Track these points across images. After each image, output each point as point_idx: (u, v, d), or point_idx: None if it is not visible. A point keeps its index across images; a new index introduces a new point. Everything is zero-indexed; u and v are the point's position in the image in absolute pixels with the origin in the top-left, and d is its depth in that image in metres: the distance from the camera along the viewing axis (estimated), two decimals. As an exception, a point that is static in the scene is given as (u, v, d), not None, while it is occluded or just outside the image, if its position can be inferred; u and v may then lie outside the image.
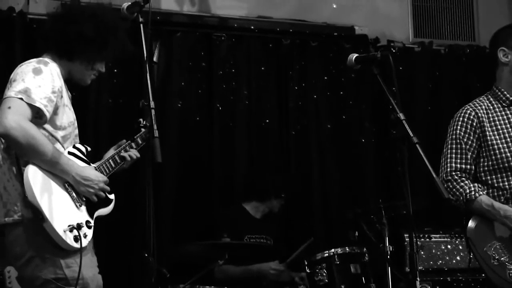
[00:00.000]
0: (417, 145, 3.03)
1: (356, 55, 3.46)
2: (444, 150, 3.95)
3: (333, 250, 4.88)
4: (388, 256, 4.83)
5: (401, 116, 3.12)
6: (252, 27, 6.33)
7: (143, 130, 3.53)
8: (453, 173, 3.84)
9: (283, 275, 5.34)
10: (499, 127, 3.85)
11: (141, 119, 3.31)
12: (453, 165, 3.86)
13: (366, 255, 4.92)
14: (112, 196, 3.60)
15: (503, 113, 3.89)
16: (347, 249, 4.92)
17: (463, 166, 3.85)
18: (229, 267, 5.23)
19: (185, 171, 5.97)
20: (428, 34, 6.90)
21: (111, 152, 3.77)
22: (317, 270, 4.83)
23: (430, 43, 6.80)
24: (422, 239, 5.57)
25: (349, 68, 3.52)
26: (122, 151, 3.74)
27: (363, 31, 6.60)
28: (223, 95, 6.19)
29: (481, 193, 3.75)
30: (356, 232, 5.20)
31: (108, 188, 3.52)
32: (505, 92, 3.92)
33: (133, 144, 3.78)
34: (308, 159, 6.33)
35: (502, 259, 3.62)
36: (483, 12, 7.02)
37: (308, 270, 4.88)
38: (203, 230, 5.64)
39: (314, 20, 6.55)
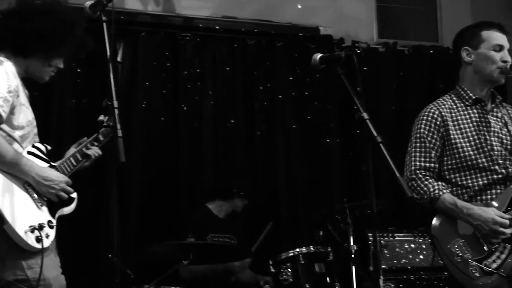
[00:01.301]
0: (380, 144, 3.04)
1: (321, 55, 3.45)
2: (409, 149, 3.97)
3: (297, 249, 4.88)
4: (353, 255, 4.84)
5: (365, 115, 3.12)
6: (217, 27, 6.33)
7: (104, 126, 3.49)
8: (418, 172, 3.86)
9: (248, 275, 5.34)
10: (462, 126, 3.88)
11: (102, 116, 3.27)
12: (418, 163, 3.88)
13: (331, 254, 4.93)
14: (74, 195, 3.56)
15: (465, 112, 3.92)
16: (312, 249, 4.93)
17: (428, 164, 3.87)
18: (195, 267, 5.21)
19: (150, 172, 5.94)
20: (393, 35, 6.97)
21: (72, 150, 3.72)
22: (281, 270, 4.83)
23: (394, 44, 6.86)
24: (386, 238, 5.60)
25: (313, 68, 3.51)
26: (84, 148, 3.69)
27: (328, 32, 6.64)
28: (189, 96, 6.18)
29: (444, 191, 3.78)
30: (321, 232, 5.22)
31: (70, 188, 3.48)
32: (468, 92, 3.95)
33: (94, 142, 3.72)
34: (274, 159, 6.34)
35: (465, 256, 3.65)
36: (446, 13, 7.10)
37: (273, 270, 4.88)
38: (168, 231, 5.62)
39: (279, 20, 6.57)
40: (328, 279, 4.88)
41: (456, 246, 3.68)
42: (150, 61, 6.09)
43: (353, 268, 4.82)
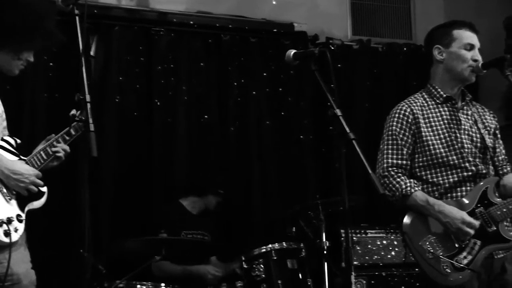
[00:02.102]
0: (353, 141, 3.05)
1: (294, 51, 3.45)
2: (381, 146, 3.99)
3: (270, 245, 4.88)
4: (325, 252, 4.86)
5: (338, 112, 3.14)
6: (192, 22, 6.30)
7: (77, 121, 3.46)
8: (390, 169, 3.88)
9: (222, 269, 5.35)
10: (433, 123, 3.91)
11: (74, 110, 3.25)
12: (390, 161, 3.90)
13: (303, 250, 4.95)
14: (44, 189, 3.53)
15: (436, 110, 3.95)
16: (284, 245, 4.93)
17: (399, 162, 3.89)
18: (167, 264, 5.20)
19: (123, 167, 5.91)
20: (367, 32, 6.99)
21: (40, 147, 3.67)
22: (254, 266, 4.83)
23: (368, 41, 6.89)
24: (358, 235, 5.63)
25: (287, 64, 3.52)
26: (55, 142, 3.64)
27: (302, 28, 6.64)
28: (162, 91, 6.14)
29: (416, 188, 3.80)
30: (294, 228, 5.22)
31: (40, 182, 3.45)
32: (439, 90, 3.98)
33: (65, 136, 3.67)
34: (248, 155, 6.33)
35: (436, 252, 3.68)
36: (420, 11, 7.15)
37: (245, 266, 4.88)
38: (141, 226, 5.60)
39: (254, 16, 6.56)
40: (300, 275, 4.89)
41: (427, 243, 3.71)
42: (123, 56, 6.05)
43: (326, 264, 4.83)
